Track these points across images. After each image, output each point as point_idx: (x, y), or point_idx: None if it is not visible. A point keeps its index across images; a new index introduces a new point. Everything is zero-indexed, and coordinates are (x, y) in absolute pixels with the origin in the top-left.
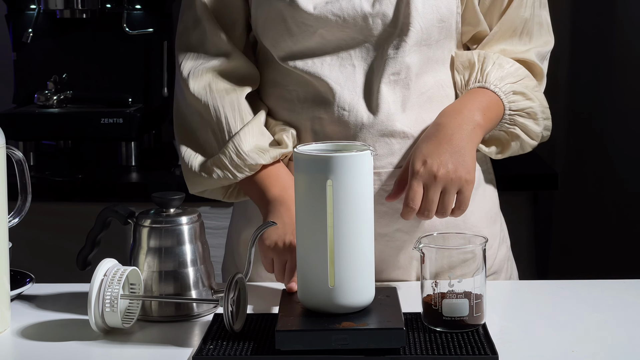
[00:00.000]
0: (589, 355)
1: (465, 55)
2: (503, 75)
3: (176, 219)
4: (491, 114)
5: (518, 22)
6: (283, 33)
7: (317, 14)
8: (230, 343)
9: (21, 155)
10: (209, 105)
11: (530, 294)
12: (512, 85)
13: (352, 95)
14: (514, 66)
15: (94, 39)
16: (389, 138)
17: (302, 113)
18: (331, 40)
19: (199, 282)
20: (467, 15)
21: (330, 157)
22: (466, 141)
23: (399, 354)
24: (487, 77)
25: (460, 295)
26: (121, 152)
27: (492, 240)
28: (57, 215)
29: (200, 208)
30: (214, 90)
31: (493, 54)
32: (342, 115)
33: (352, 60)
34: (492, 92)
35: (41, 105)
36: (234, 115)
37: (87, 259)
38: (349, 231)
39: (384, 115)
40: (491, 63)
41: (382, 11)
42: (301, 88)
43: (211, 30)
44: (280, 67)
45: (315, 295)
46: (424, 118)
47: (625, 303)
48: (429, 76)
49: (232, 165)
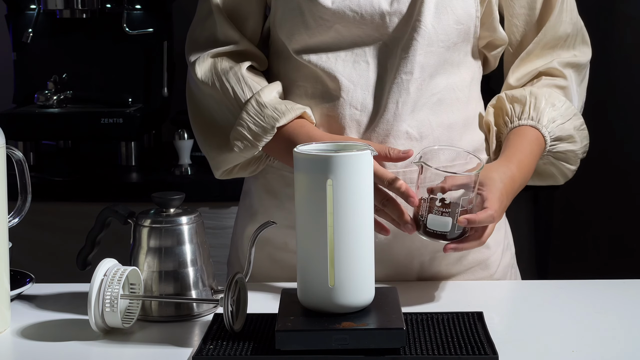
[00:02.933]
0: (589, 355)
1: (517, 92)
2: (555, 115)
3: (176, 219)
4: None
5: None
6: (299, 26)
7: (335, 8)
8: (230, 343)
9: (21, 155)
10: (216, 84)
11: (530, 294)
12: (561, 126)
13: (364, 94)
14: (564, 105)
15: (94, 39)
16: (395, 139)
17: (311, 109)
18: (347, 36)
19: (199, 282)
20: (486, 20)
21: (330, 156)
22: (513, 197)
23: (399, 354)
24: (541, 116)
25: (446, 213)
26: (121, 152)
27: (496, 247)
28: (57, 215)
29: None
30: (218, 70)
31: (545, 89)
32: (353, 113)
33: (366, 57)
34: (542, 135)
35: (41, 105)
36: (240, 87)
37: (87, 259)
38: (349, 231)
39: (391, 114)
40: (544, 100)
41: (400, 9)
42: (310, 84)
43: (221, 23)
44: (292, 62)
45: (315, 295)
46: (430, 120)
47: (625, 303)
48: (442, 78)
49: (255, 123)
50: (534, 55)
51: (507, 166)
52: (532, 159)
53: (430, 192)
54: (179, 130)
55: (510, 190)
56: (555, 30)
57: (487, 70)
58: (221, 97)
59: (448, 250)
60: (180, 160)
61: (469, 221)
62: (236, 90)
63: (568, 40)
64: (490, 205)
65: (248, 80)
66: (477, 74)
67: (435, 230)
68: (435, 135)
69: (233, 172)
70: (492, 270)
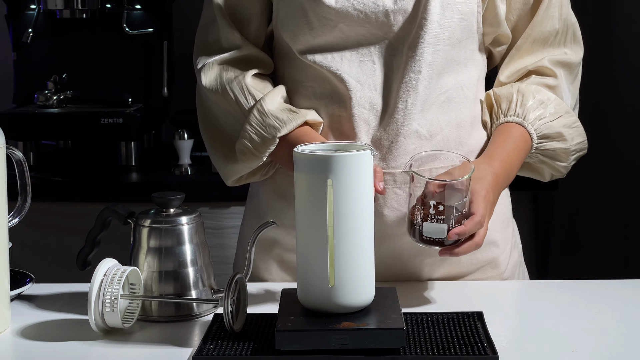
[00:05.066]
0: (589, 355)
1: (504, 89)
2: (542, 113)
3: (176, 219)
4: (520, 164)
5: (549, 28)
6: (303, 26)
7: (339, 8)
8: (230, 343)
9: (21, 155)
10: (221, 94)
11: (530, 294)
12: (549, 124)
13: (372, 94)
14: (553, 102)
15: (94, 39)
16: (405, 138)
17: (320, 110)
18: (351, 36)
19: (199, 282)
20: (488, 15)
21: (330, 156)
22: (499, 194)
23: (399, 354)
24: (527, 113)
25: (441, 220)
26: (121, 152)
27: (504, 245)
28: (57, 215)
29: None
30: (223, 79)
31: (533, 86)
32: (362, 113)
33: (372, 57)
34: (528, 134)
35: (41, 105)
36: (244, 96)
37: (87, 259)
38: (349, 231)
39: (401, 114)
40: (531, 98)
41: (404, 7)
42: (317, 84)
43: (224, 27)
44: (297, 63)
45: (315, 295)
46: (439, 119)
47: (625, 303)
48: (450, 76)
49: (257, 134)
50: (524, 52)
51: (489, 163)
52: (517, 155)
53: (423, 199)
54: (179, 130)
55: (495, 186)
56: (543, 25)
57: (491, 66)
58: (227, 106)
59: (443, 255)
60: (180, 160)
61: (459, 234)
62: (240, 99)
63: (558, 36)
64: (476, 210)
65: (252, 89)
66: (483, 72)
67: (432, 238)
68: (444, 134)
69: (242, 179)
70: (502, 269)
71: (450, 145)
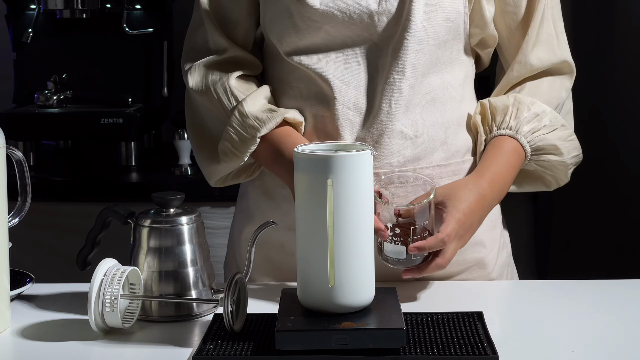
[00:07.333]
0: (589, 355)
1: (500, 100)
2: (536, 126)
3: (176, 219)
4: (513, 178)
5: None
6: (289, 28)
7: (323, 9)
8: (230, 343)
9: (21, 155)
10: (206, 95)
11: (530, 294)
12: (543, 136)
13: (357, 95)
14: (548, 115)
15: (94, 39)
16: (389, 138)
17: (306, 110)
18: (336, 37)
19: (199, 282)
20: (475, 16)
21: (330, 156)
22: (487, 213)
23: (399, 354)
24: (520, 125)
25: (399, 242)
26: (121, 152)
27: (492, 245)
28: (57, 215)
29: (200, 208)
30: (208, 81)
31: (529, 98)
32: (346, 114)
33: (357, 58)
34: (521, 147)
35: (41, 105)
36: (227, 97)
37: (87, 259)
38: (349, 231)
39: (384, 114)
40: (526, 110)
41: (388, 9)
42: (304, 85)
43: (211, 30)
44: (285, 64)
45: (315, 295)
46: (425, 119)
47: (625, 303)
48: (435, 77)
49: (237, 134)
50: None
51: (476, 182)
52: (509, 170)
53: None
54: (179, 130)
55: (479, 207)
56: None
57: (480, 68)
58: (211, 107)
59: (405, 276)
60: (180, 160)
61: (418, 249)
62: (223, 100)
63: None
64: (443, 229)
65: (235, 90)
66: (471, 72)
67: (392, 258)
68: (429, 134)
69: (227, 180)
70: (489, 269)
71: (436, 145)
